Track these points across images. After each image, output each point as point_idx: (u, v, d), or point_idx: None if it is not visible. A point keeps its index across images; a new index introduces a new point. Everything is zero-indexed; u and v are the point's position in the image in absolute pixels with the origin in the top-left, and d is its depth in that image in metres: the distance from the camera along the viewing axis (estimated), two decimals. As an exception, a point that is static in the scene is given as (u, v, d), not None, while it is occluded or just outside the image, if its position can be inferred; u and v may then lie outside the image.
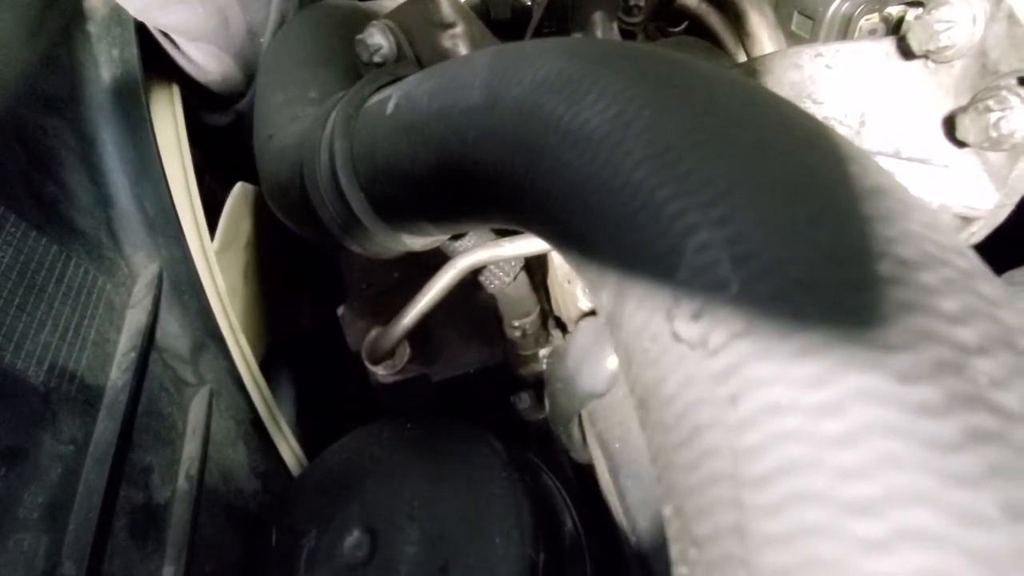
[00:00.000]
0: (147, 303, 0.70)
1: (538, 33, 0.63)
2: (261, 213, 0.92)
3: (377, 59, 0.50)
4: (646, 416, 0.20)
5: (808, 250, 0.17)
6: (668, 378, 0.18)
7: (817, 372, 0.15)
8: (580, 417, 0.50)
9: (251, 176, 0.94)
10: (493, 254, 0.55)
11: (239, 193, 0.87)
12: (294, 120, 0.48)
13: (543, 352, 0.71)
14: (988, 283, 0.16)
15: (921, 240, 0.16)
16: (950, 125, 0.38)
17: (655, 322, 0.20)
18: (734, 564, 0.14)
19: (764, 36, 0.58)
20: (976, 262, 0.17)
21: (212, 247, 0.80)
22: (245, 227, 0.90)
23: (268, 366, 0.90)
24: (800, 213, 0.18)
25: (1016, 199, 0.38)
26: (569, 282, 0.61)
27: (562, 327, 0.70)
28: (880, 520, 0.13)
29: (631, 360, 0.21)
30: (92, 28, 0.72)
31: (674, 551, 0.18)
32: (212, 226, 0.82)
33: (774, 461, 0.14)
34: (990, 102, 0.35)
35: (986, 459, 0.13)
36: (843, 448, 0.14)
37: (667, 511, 0.19)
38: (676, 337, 0.19)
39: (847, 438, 0.14)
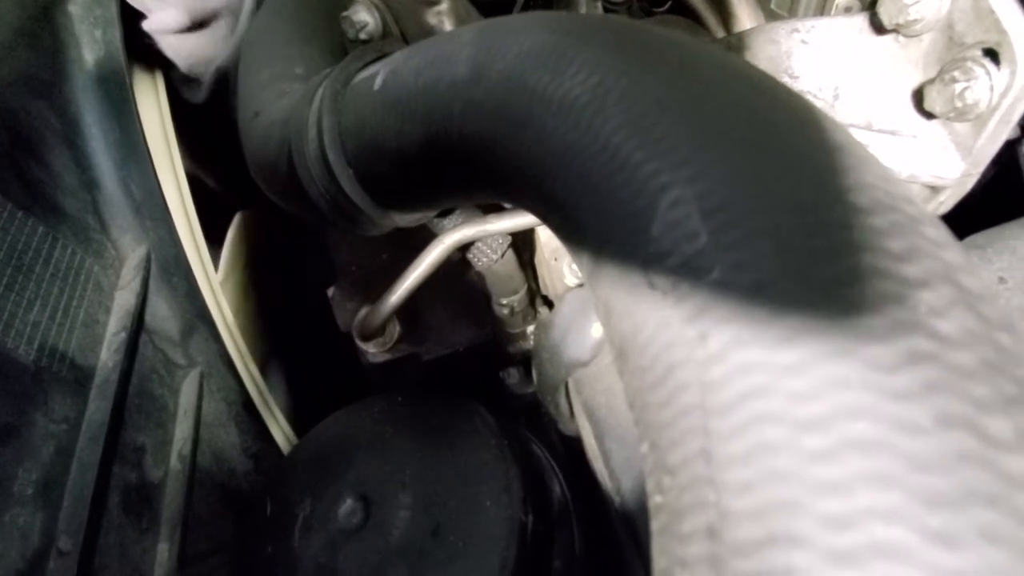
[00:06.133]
0: (136, 285, 0.70)
1: (524, 12, 0.64)
2: (257, 234, 0.93)
3: (363, 36, 0.51)
4: (624, 363, 0.21)
5: (769, 201, 0.18)
6: (644, 324, 0.20)
7: (775, 309, 0.16)
8: (567, 387, 0.52)
9: (230, 153, 0.94)
10: (480, 230, 0.56)
11: (239, 222, 0.88)
12: (281, 96, 0.48)
13: (530, 329, 0.72)
14: (933, 227, 0.18)
15: (873, 190, 0.18)
16: (918, 97, 0.39)
17: (632, 274, 0.21)
18: (702, 484, 0.16)
19: (744, 14, 0.59)
20: (924, 210, 0.19)
21: (217, 277, 0.81)
22: (244, 250, 0.91)
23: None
24: (762, 169, 0.19)
25: (981, 168, 0.40)
26: (556, 259, 0.62)
27: (549, 304, 0.71)
28: (827, 433, 0.14)
29: (611, 312, 0.22)
30: (73, 9, 0.71)
31: (650, 484, 0.19)
32: (201, 214, 0.82)
33: (737, 390, 0.16)
34: (956, 73, 0.36)
35: (921, 376, 0.14)
36: (797, 374, 0.15)
37: (644, 448, 0.20)
38: (651, 286, 0.20)
39: (800, 364, 0.15)
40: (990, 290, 0.17)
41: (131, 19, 0.73)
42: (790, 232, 0.17)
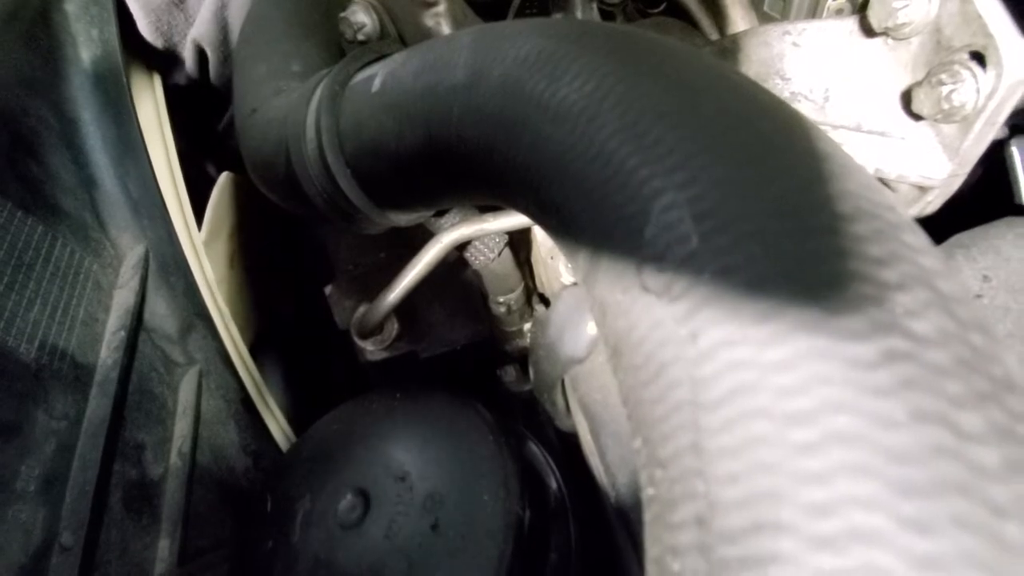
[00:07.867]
0: (134, 284, 0.70)
1: (520, 13, 0.65)
2: (244, 201, 0.92)
3: (361, 37, 0.51)
4: (618, 362, 0.22)
5: (758, 207, 0.19)
6: (638, 324, 0.21)
7: (762, 310, 0.17)
8: (563, 384, 0.53)
9: (222, 150, 0.95)
10: (477, 229, 0.57)
11: (224, 183, 0.87)
12: (278, 94, 0.49)
13: (527, 327, 0.73)
14: (912, 234, 0.19)
15: (856, 198, 0.19)
16: (907, 99, 0.40)
17: (626, 276, 0.22)
18: (693, 476, 0.17)
19: (737, 16, 0.60)
20: (904, 217, 0.19)
21: (200, 237, 0.81)
22: (230, 216, 0.90)
23: (257, 347, 0.91)
24: (752, 175, 0.20)
25: (968, 169, 0.41)
26: (552, 258, 0.63)
27: (545, 302, 0.72)
28: (811, 428, 0.15)
29: (606, 312, 0.23)
30: (70, 7, 0.71)
31: (643, 477, 0.20)
32: (196, 209, 0.82)
33: (726, 386, 0.17)
34: (943, 76, 0.37)
35: (898, 374, 0.15)
36: (783, 371, 0.16)
37: (637, 443, 0.21)
38: (644, 288, 0.21)
39: (787, 363, 0.16)
40: (965, 293, 0.18)
41: (127, 17, 0.74)
42: (777, 237, 0.18)
